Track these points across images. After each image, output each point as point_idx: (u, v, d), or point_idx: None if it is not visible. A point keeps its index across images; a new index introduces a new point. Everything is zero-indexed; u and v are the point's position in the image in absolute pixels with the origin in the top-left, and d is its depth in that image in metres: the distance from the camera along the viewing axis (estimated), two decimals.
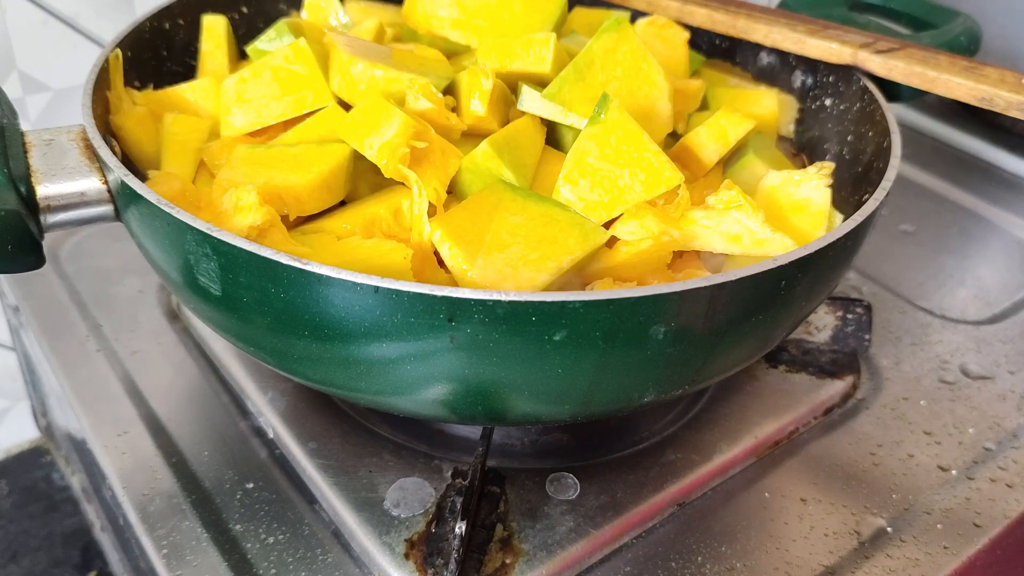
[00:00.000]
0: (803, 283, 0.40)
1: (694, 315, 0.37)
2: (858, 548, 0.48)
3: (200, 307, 0.42)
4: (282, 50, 0.49)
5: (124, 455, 0.51)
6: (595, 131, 0.44)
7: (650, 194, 0.44)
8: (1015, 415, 0.57)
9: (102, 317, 0.61)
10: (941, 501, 0.51)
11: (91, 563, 0.68)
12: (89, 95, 0.46)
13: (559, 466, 0.50)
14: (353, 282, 0.35)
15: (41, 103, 0.68)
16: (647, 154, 0.44)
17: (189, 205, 0.43)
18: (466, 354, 0.36)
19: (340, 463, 0.49)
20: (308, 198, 0.45)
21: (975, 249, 0.73)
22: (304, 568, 0.45)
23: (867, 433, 0.55)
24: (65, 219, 0.43)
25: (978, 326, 0.64)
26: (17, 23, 0.65)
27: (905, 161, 0.83)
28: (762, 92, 0.59)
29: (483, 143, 0.45)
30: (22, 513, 0.71)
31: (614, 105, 0.44)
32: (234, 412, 0.54)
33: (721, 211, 0.44)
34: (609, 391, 0.39)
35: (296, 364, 0.42)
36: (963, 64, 0.55)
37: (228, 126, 0.50)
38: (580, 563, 0.46)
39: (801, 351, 0.59)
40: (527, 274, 0.40)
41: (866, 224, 0.43)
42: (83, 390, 0.55)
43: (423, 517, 0.46)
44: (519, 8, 0.53)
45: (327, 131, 0.48)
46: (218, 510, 0.48)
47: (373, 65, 0.48)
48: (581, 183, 0.44)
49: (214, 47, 0.56)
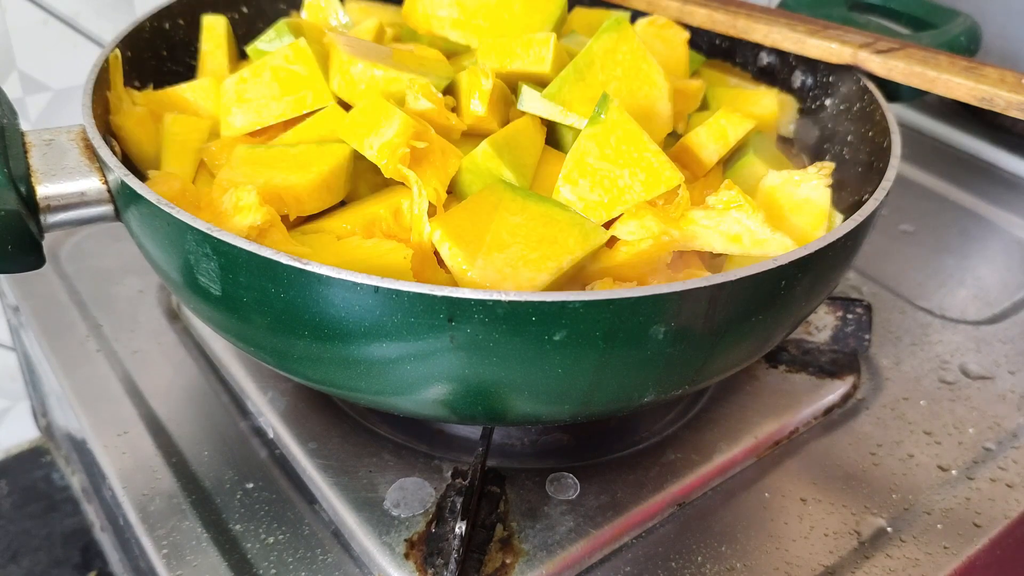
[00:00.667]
0: (803, 283, 0.40)
1: (694, 315, 0.37)
2: (858, 548, 0.48)
3: (200, 307, 0.42)
4: (282, 50, 0.49)
5: (124, 455, 0.51)
6: (595, 131, 0.44)
7: (650, 194, 0.44)
8: (1015, 415, 0.57)
9: (102, 317, 0.61)
10: (941, 501, 0.51)
11: (91, 563, 0.68)
12: (89, 95, 0.46)
13: (559, 466, 0.50)
14: (353, 282, 0.35)
15: (41, 103, 0.68)
16: (647, 154, 0.44)
17: (189, 205, 0.43)
18: (466, 354, 0.36)
19: (340, 463, 0.49)
20: (308, 198, 0.45)
21: (975, 249, 0.73)
22: (304, 568, 0.45)
23: (867, 433, 0.55)
24: (65, 219, 0.43)
25: (978, 326, 0.64)
26: (17, 23, 0.65)
27: (905, 161, 0.83)
28: (762, 92, 0.59)
29: (483, 143, 0.45)
30: (22, 513, 0.71)
31: (614, 105, 0.44)
32: (234, 412, 0.54)
33: (721, 211, 0.44)
34: (609, 391, 0.39)
35: (296, 364, 0.42)
36: (963, 64, 0.55)
37: (228, 126, 0.50)
38: (580, 563, 0.46)
39: (801, 351, 0.59)
40: (527, 274, 0.40)
41: (866, 224, 0.43)
42: (83, 390, 0.55)
43: (423, 517, 0.46)
44: (519, 8, 0.53)
45: (327, 131, 0.48)
46: (218, 510, 0.48)
47: (373, 65, 0.48)
48: (581, 183, 0.44)
49: (214, 47, 0.56)
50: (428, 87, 0.47)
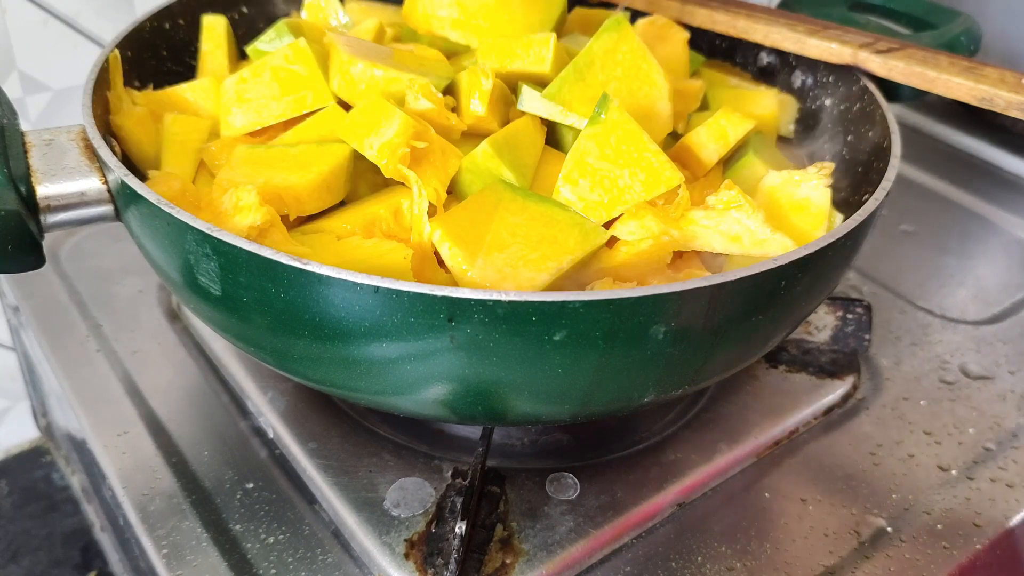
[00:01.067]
0: (803, 283, 0.40)
1: (694, 315, 0.37)
2: (858, 548, 0.48)
3: (200, 307, 0.42)
4: (282, 50, 0.49)
5: (124, 455, 0.51)
6: (595, 131, 0.44)
7: (650, 194, 0.44)
8: (1015, 415, 0.57)
9: (102, 317, 0.61)
10: (941, 501, 0.51)
11: (91, 563, 0.68)
12: (89, 95, 0.46)
13: (559, 466, 0.50)
14: (353, 282, 0.35)
15: (41, 103, 0.68)
16: (647, 154, 0.44)
17: (189, 205, 0.43)
18: (466, 354, 0.36)
19: (340, 463, 0.49)
20: (308, 198, 0.45)
21: (975, 249, 0.73)
22: (304, 568, 0.45)
23: (867, 433, 0.55)
24: (65, 219, 0.43)
25: (978, 326, 0.64)
26: (17, 23, 0.65)
27: (905, 161, 0.83)
28: (762, 92, 0.59)
29: (483, 143, 0.45)
30: (22, 513, 0.71)
31: (614, 105, 0.44)
32: (234, 412, 0.54)
33: (721, 211, 0.44)
34: (609, 391, 0.39)
35: (296, 364, 0.42)
36: (963, 64, 0.55)
37: (228, 126, 0.50)
38: (580, 563, 0.46)
39: (801, 351, 0.59)
40: (527, 274, 0.40)
41: (866, 224, 0.43)
42: (83, 390, 0.55)
43: (423, 517, 0.46)
44: (519, 8, 0.53)
45: (327, 131, 0.48)
46: (218, 510, 0.48)
47: (373, 65, 0.48)
48: (581, 183, 0.44)
49: (214, 47, 0.56)
50: (428, 87, 0.47)
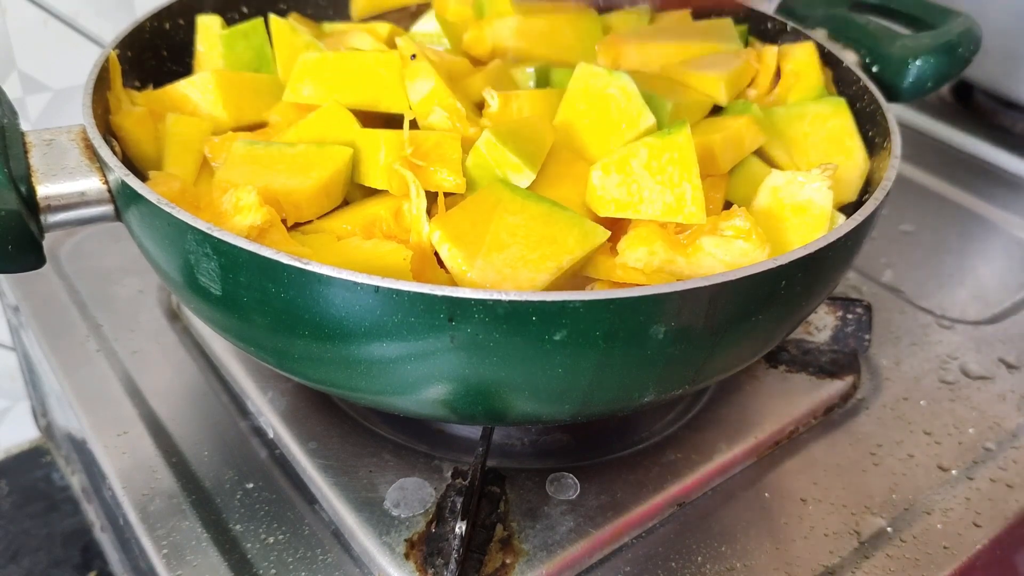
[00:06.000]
0: (803, 283, 0.40)
1: (694, 315, 0.37)
2: (858, 548, 0.48)
3: (200, 307, 0.42)
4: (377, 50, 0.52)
5: (124, 455, 0.51)
6: (655, 142, 0.44)
7: (664, 218, 0.44)
8: (1015, 415, 0.57)
9: (102, 317, 0.61)
10: (941, 501, 0.51)
11: (91, 563, 0.68)
12: (89, 95, 0.46)
13: (559, 466, 0.50)
14: (353, 282, 0.35)
15: (41, 103, 0.68)
16: (686, 184, 0.44)
17: (189, 205, 0.43)
18: (466, 354, 0.36)
19: (340, 463, 0.49)
20: (307, 204, 0.44)
21: (975, 249, 0.73)
22: (304, 568, 0.45)
23: (867, 433, 0.55)
24: (65, 219, 0.43)
25: (978, 326, 0.64)
26: (17, 23, 0.65)
27: (905, 161, 0.83)
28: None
29: (485, 132, 0.45)
30: (22, 513, 0.71)
31: (685, 130, 0.44)
32: (234, 412, 0.54)
33: (730, 238, 0.44)
34: (609, 391, 0.39)
35: (296, 364, 0.42)
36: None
37: (295, 93, 0.51)
38: (580, 563, 0.46)
39: (801, 351, 0.59)
40: (527, 274, 0.40)
41: (866, 224, 0.43)
42: (83, 390, 0.55)
43: (423, 517, 0.46)
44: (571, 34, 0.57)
45: (327, 131, 0.48)
46: (218, 510, 0.48)
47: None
48: (613, 176, 0.44)
49: (210, 48, 0.56)
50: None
